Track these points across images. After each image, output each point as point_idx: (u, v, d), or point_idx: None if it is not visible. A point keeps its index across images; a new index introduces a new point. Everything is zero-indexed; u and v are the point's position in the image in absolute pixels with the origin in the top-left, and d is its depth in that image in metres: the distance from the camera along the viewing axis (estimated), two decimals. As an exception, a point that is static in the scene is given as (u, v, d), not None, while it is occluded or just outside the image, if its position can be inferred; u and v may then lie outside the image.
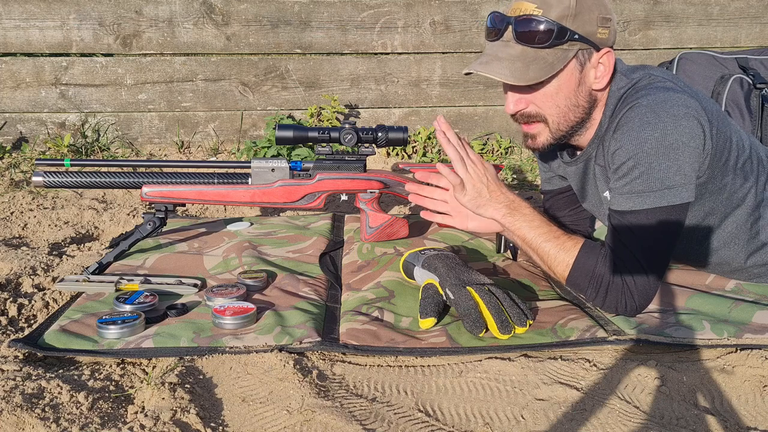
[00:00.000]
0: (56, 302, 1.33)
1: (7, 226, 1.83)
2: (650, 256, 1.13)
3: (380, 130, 1.53)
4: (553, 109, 1.19)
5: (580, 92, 1.18)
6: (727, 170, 1.20)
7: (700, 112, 1.12)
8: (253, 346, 1.12)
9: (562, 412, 0.98)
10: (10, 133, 2.53)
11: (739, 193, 1.23)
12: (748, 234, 1.28)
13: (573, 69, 1.16)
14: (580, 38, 1.13)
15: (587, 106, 1.21)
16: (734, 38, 2.85)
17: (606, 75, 1.18)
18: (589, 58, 1.16)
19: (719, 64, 2.36)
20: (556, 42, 1.12)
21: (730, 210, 1.25)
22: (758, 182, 1.26)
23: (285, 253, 1.60)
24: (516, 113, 1.22)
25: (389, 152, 2.63)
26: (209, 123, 2.66)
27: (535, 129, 1.23)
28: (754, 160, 1.25)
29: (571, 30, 1.11)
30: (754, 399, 1.03)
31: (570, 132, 1.24)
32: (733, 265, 1.34)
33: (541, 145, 1.25)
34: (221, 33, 2.57)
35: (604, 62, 1.17)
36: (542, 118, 1.20)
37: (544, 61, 1.13)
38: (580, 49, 1.14)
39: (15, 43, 2.47)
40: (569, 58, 1.14)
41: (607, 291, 1.15)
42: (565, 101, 1.18)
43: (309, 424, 0.93)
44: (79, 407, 0.95)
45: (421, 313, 1.20)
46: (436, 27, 2.68)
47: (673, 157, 1.09)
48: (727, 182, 1.21)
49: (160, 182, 1.50)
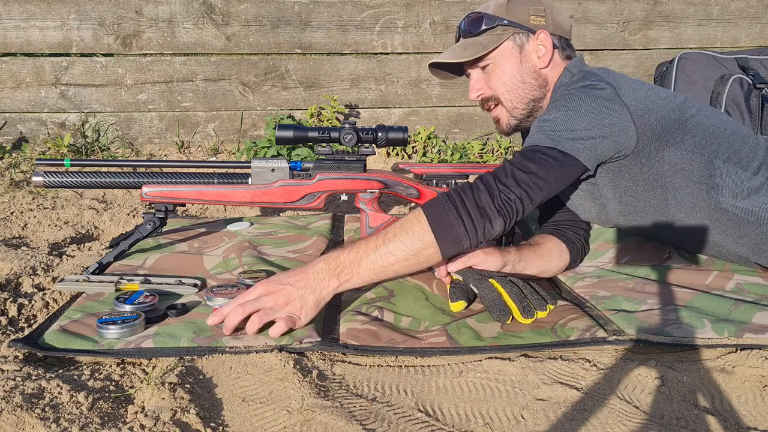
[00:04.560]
0: (56, 302, 1.33)
1: (7, 226, 1.83)
2: (509, 170, 1.16)
3: (380, 130, 1.53)
4: (501, 86, 1.39)
5: (524, 69, 1.38)
6: (663, 145, 1.29)
7: (612, 96, 1.25)
8: (253, 346, 1.12)
9: (562, 412, 0.98)
10: (10, 133, 2.53)
11: (682, 164, 1.31)
12: (706, 201, 1.34)
13: (510, 49, 1.38)
14: (510, 23, 1.36)
15: (535, 83, 1.39)
16: (734, 38, 2.85)
17: (547, 54, 1.37)
18: (527, 40, 1.38)
19: (719, 64, 2.36)
20: (488, 27, 1.37)
21: (678, 179, 1.33)
22: (705, 153, 1.31)
23: (285, 253, 1.60)
24: (477, 98, 1.44)
25: (389, 152, 2.63)
26: (209, 123, 2.66)
27: (496, 112, 1.45)
28: (701, 134, 1.32)
29: (499, 17, 1.36)
30: (754, 399, 1.03)
31: (527, 111, 1.41)
32: (704, 234, 1.39)
33: (505, 126, 1.45)
34: (221, 33, 2.57)
35: (542, 43, 1.37)
36: (497, 99, 1.42)
37: (480, 44, 1.37)
38: (514, 32, 1.37)
39: (15, 43, 2.47)
40: (503, 40, 1.37)
41: (470, 215, 1.11)
42: (510, 78, 1.38)
43: (309, 424, 0.93)
44: (79, 407, 0.95)
45: (450, 298, 1.25)
46: (436, 27, 2.68)
47: (570, 116, 1.22)
48: (665, 155, 1.30)
49: (160, 182, 1.50)
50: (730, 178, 1.33)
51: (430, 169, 1.62)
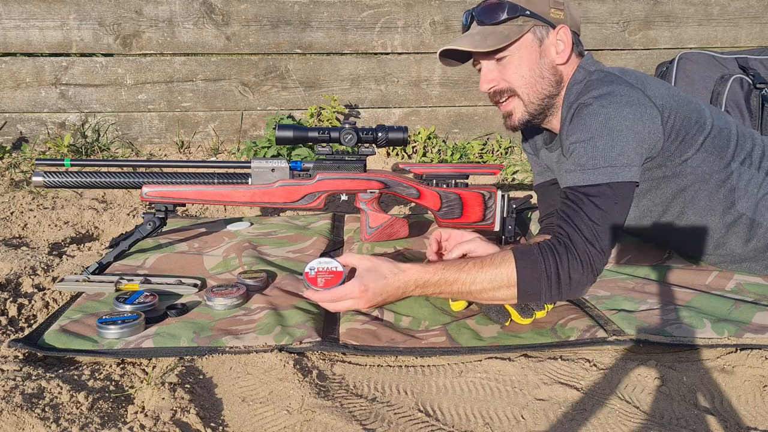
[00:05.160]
0: (56, 302, 1.33)
1: (7, 226, 1.83)
2: (596, 231, 1.14)
3: (380, 130, 1.53)
4: (519, 80, 1.32)
5: (543, 64, 1.31)
6: (687, 147, 1.28)
7: (642, 100, 1.21)
8: (253, 346, 1.12)
9: (562, 412, 0.98)
10: (10, 133, 2.53)
11: (704, 166, 1.30)
12: (723, 204, 1.33)
13: (531, 42, 1.30)
14: (532, 14, 1.28)
15: (552, 79, 1.32)
16: (734, 38, 2.85)
17: (566, 50, 1.31)
18: (547, 34, 1.31)
19: (719, 64, 2.36)
20: (510, 17, 1.28)
21: (698, 182, 1.32)
22: (725, 154, 1.31)
23: (285, 253, 1.60)
24: (490, 91, 1.35)
25: (389, 152, 2.63)
26: (209, 123, 2.66)
27: (510, 105, 1.36)
28: (723, 138, 1.31)
29: (521, 7, 1.28)
30: (754, 399, 1.03)
31: (542, 107, 1.34)
32: (716, 240, 1.38)
33: (518, 121, 1.37)
34: (221, 33, 2.57)
35: (562, 38, 1.31)
36: (513, 91, 1.34)
37: (501, 34, 1.29)
38: (535, 25, 1.29)
39: (15, 43, 2.47)
40: (524, 32, 1.29)
41: (560, 275, 1.12)
42: (529, 72, 1.31)
43: (309, 424, 0.93)
44: (79, 407, 0.95)
45: None
46: (436, 27, 2.68)
47: (616, 138, 1.18)
48: (688, 157, 1.29)
49: (160, 182, 1.50)
50: (746, 180, 1.33)
51: (430, 169, 1.62)
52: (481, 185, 1.67)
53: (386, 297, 1.15)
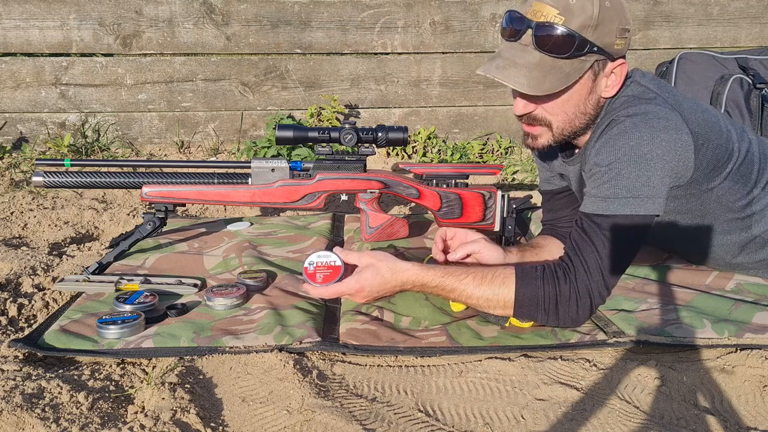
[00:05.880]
0: (56, 302, 1.33)
1: (7, 226, 1.83)
2: (602, 266, 1.10)
3: (380, 130, 1.53)
4: (561, 116, 1.18)
5: (590, 100, 1.18)
6: (715, 176, 1.21)
7: (680, 126, 1.12)
8: (253, 346, 1.12)
9: (562, 412, 0.98)
10: (10, 133, 2.53)
11: (728, 195, 1.25)
12: (739, 227, 1.30)
13: (587, 79, 1.15)
14: (599, 50, 1.11)
15: (594, 114, 1.20)
16: (734, 38, 2.85)
17: (617, 84, 1.18)
18: (603, 67, 1.15)
19: (719, 64, 2.36)
20: (576, 54, 1.10)
21: (720, 210, 1.26)
22: (749, 182, 1.26)
23: (285, 253, 1.61)
24: (524, 114, 1.21)
25: (389, 152, 2.63)
26: (209, 123, 2.66)
27: (538, 131, 1.22)
28: (748, 163, 1.26)
29: (591, 42, 1.10)
30: (754, 399, 1.03)
31: (571, 136, 1.23)
32: (726, 259, 1.36)
33: (540, 146, 1.24)
34: (221, 33, 2.57)
35: (616, 72, 1.17)
36: (547, 122, 1.19)
37: (561, 72, 1.11)
38: (597, 60, 1.13)
39: (15, 43, 2.47)
40: (585, 69, 1.13)
41: (557, 307, 1.10)
42: (573, 109, 1.18)
43: (309, 424, 0.93)
44: (79, 407, 0.95)
45: None
46: (436, 27, 2.67)
47: (643, 167, 1.09)
48: (714, 186, 1.22)
49: (160, 182, 1.50)
50: (763, 204, 1.29)
51: (430, 169, 1.62)
52: (481, 185, 1.67)
53: (383, 294, 1.16)
